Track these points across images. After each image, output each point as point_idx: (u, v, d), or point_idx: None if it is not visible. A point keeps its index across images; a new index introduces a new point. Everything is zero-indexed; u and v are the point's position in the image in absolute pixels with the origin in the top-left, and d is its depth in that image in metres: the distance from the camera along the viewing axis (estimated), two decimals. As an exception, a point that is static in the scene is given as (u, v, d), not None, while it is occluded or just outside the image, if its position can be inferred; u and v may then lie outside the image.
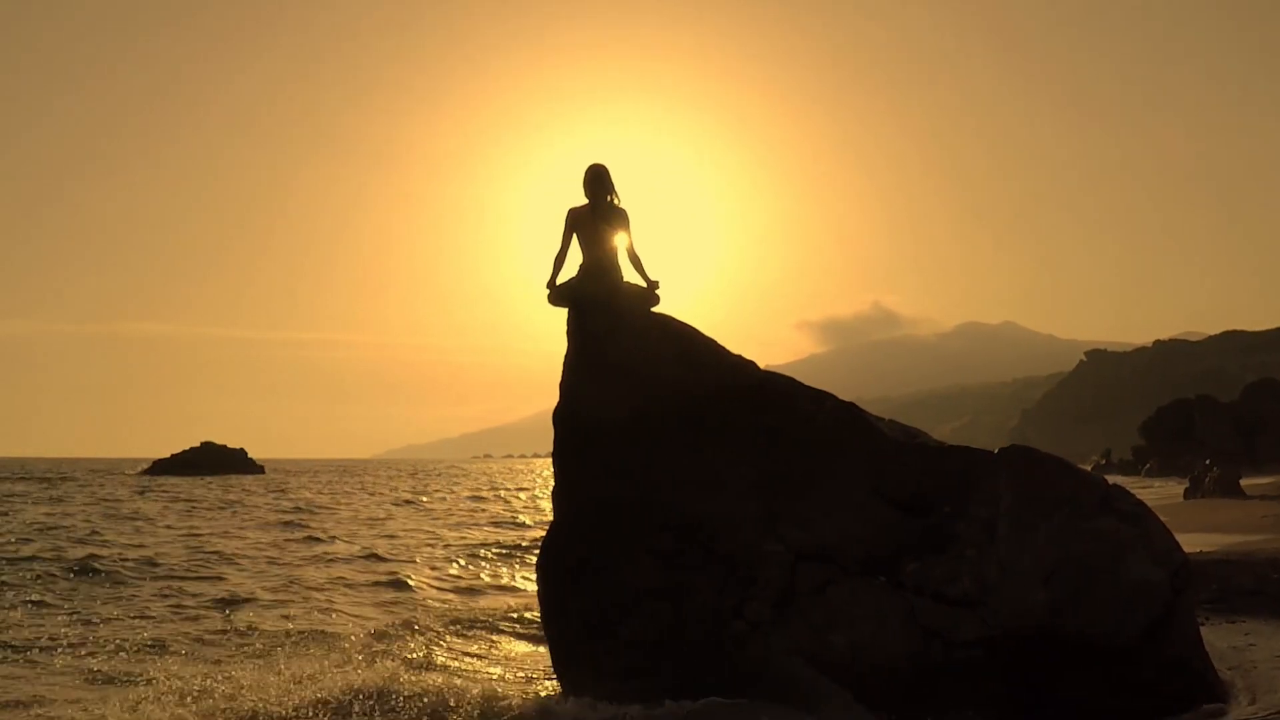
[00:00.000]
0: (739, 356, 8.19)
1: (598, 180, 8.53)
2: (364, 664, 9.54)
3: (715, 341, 8.24)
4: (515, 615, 13.10)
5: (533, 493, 54.61)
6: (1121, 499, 7.74)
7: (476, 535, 26.97)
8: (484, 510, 38.63)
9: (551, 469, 8.53)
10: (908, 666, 7.32)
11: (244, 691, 8.39)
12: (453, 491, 55.61)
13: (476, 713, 7.90)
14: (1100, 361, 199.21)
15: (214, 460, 77.01)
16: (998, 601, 7.32)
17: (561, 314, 8.62)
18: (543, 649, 9.62)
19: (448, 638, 11.61)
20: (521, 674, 9.79)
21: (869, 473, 7.70)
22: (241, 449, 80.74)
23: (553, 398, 8.49)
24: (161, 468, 77.16)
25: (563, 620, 7.97)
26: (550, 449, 8.47)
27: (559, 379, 8.45)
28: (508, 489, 60.75)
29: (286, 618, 12.95)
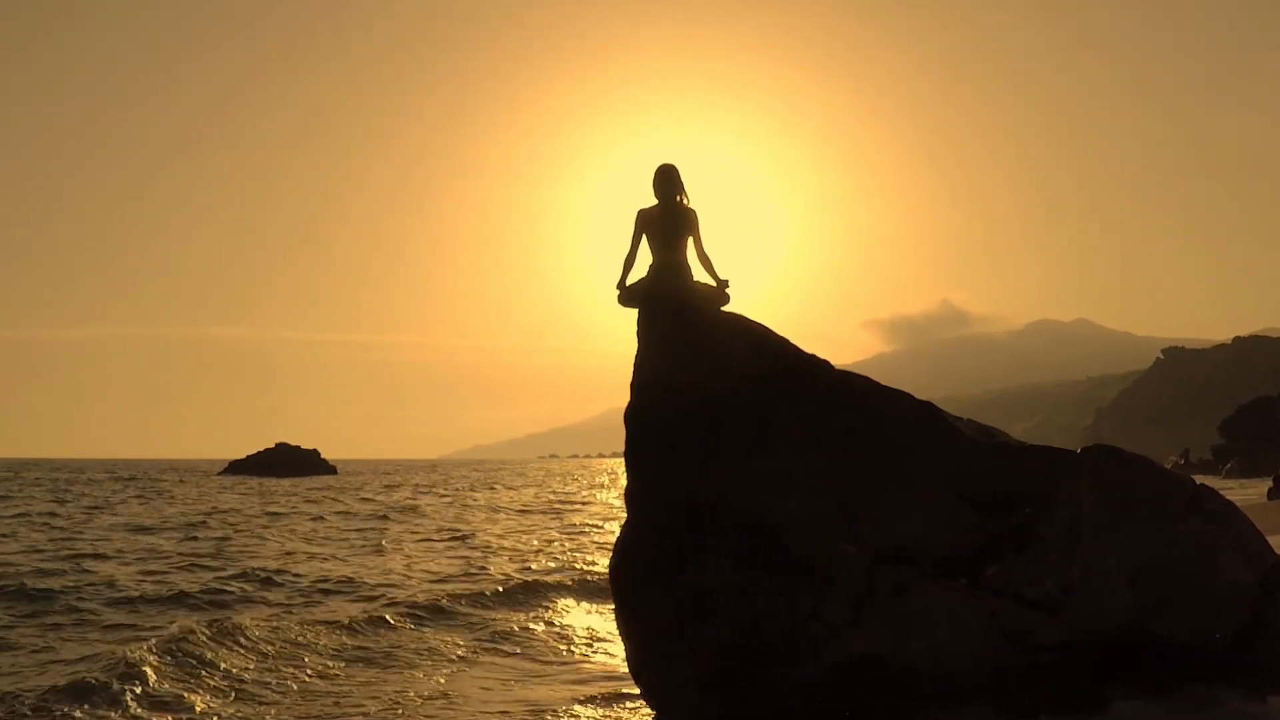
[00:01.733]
0: (813, 356, 8.10)
1: (667, 180, 8.51)
2: None
3: (788, 341, 8.16)
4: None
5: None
6: (1210, 499, 7.53)
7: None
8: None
9: (623, 469, 8.51)
10: (988, 670, 7.19)
11: None
12: (588, 493, 54.71)
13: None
14: (1177, 359, 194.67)
15: (289, 461, 78.27)
16: (1081, 605, 7.16)
17: (629, 315, 8.60)
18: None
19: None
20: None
21: (948, 473, 7.56)
22: (315, 450, 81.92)
23: (617, 398, 8.47)
24: (238, 468, 78.64)
25: (638, 622, 7.94)
26: (616, 448, 8.45)
27: (626, 379, 8.43)
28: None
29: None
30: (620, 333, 8.74)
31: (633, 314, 8.61)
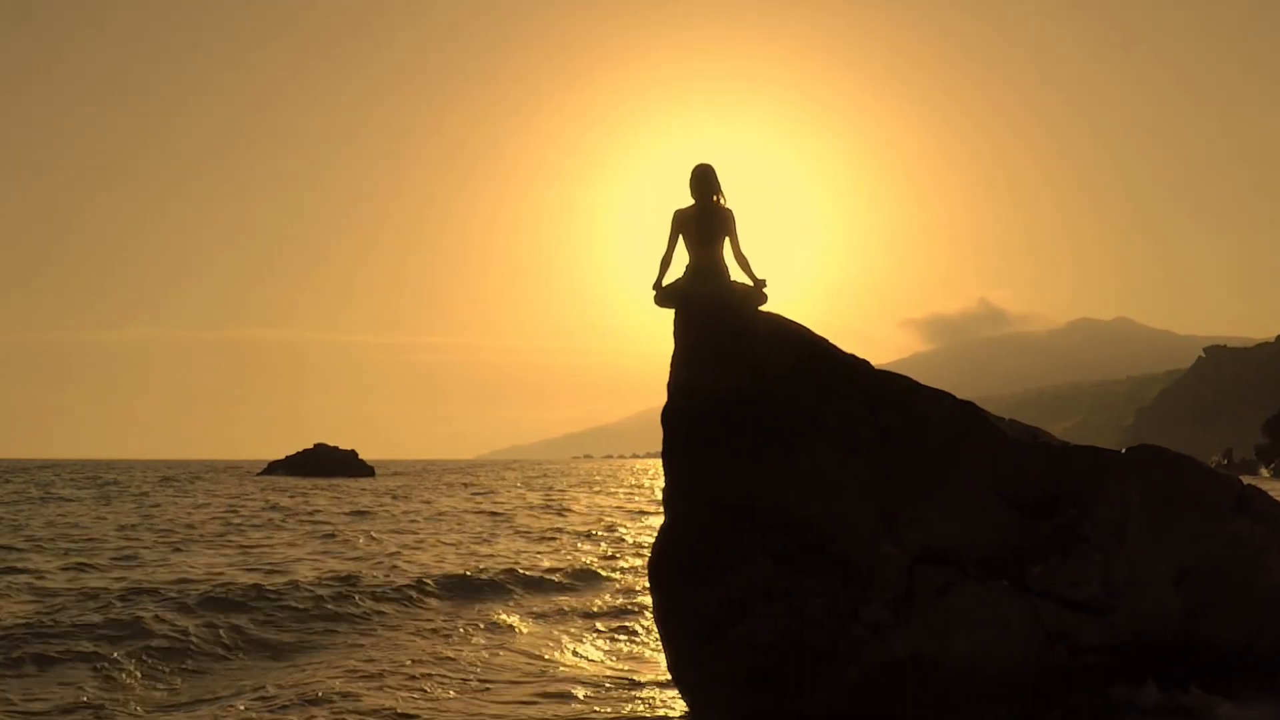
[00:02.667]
0: (852, 355, 8.05)
1: (704, 180, 8.49)
2: None
3: (827, 340, 8.11)
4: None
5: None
6: (1257, 500, 7.43)
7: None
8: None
9: (660, 469, 8.50)
10: (1032, 672, 7.12)
11: None
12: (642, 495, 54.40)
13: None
14: (1220, 358, 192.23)
15: (327, 462, 78.76)
16: (1127, 606, 7.07)
17: (665, 315, 8.58)
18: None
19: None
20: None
21: (990, 473, 7.49)
22: (353, 450, 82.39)
23: (651, 398, 8.45)
24: (277, 469, 79.30)
25: (677, 623, 7.91)
26: (651, 449, 8.44)
27: (661, 380, 8.41)
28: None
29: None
30: (655, 333, 8.74)
31: (669, 314, 8.59)
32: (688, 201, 8.51)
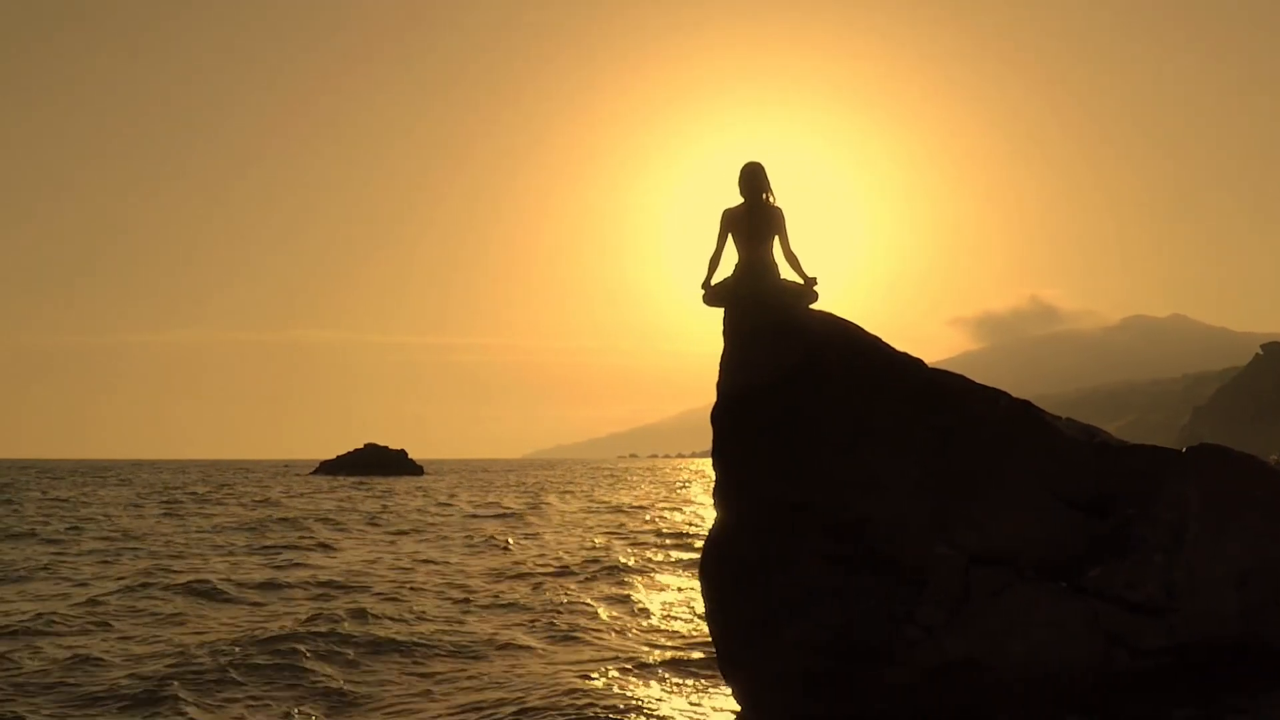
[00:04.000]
0: (906, 354, 7.97)
1: (753, 178, 8.46)
2: None
3: (880, 339, 8.04)
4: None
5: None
6: (1322, 501, 7.25)
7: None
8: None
9: (707, 468, 8.48)
10: (1088, 675, 7.01)
11: None
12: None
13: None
14: (1277, 355, 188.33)
15: (378, 461, 79.49)
16: (1186, 608, 6.94)
17: (710, 314, 8.57)
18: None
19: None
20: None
21: (1046, 473, 7.39)
22: (402, 450, 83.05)
23: (695, 398, 8.53)
24: (329, 469, 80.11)
25: (727, 622, 7.88)
26: (696, 448, 8.44)
27: (705, 379, 8.40)
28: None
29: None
30: (700, 332, 8.74)
31: (717, 314, 8.57)
32: (735, 200, 8.48)
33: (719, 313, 8.62)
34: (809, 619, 7.43)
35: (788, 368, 8.03)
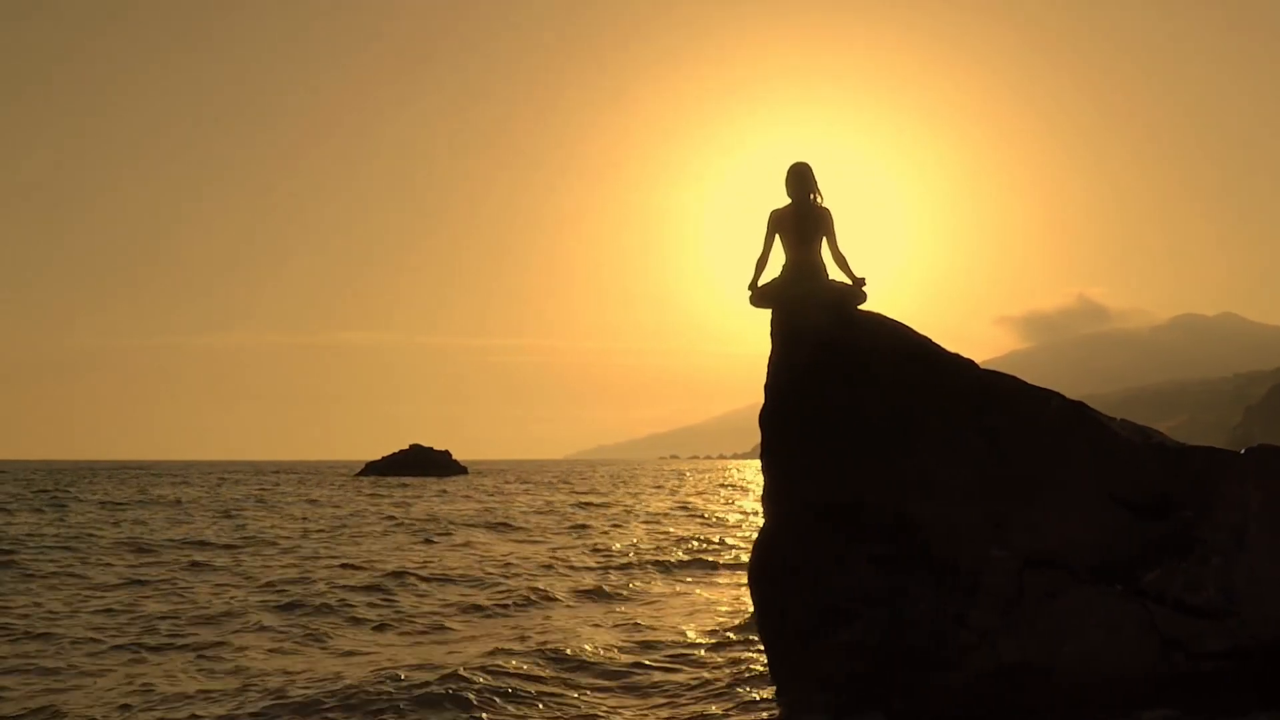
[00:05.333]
0: (956, 355, 7.90)
1: (800, 179, 8.41)
2: None
3: (930, 339, 7.97)
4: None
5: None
6: (1386, 503, 7.10)
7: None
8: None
9: (746, 470, 8.44)
10: (1145, 679, 6.90)
11: None
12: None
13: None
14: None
15: (422, 462, 79.89)
16: (1247, 612, 6.82)
17: (753, 316, 8.55)
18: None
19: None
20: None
21: (1101, 475, 7.29)
22: (446, 451, 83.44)
23: (736, 399, 8.52)
24: (374, 469, 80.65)
25: (777, 624, 7.86)
26: (737, 449, 8.42)
27: (746, 380, 8.38)
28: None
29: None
30: (741, 333, 8.73)
31: (760, 314, 8.53)
32: (781, 201, 8.45)
33: (764, 314, 8.58)
34: (860, 621, 7.38)
35: (837, 369, 7.98)
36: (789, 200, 8.43)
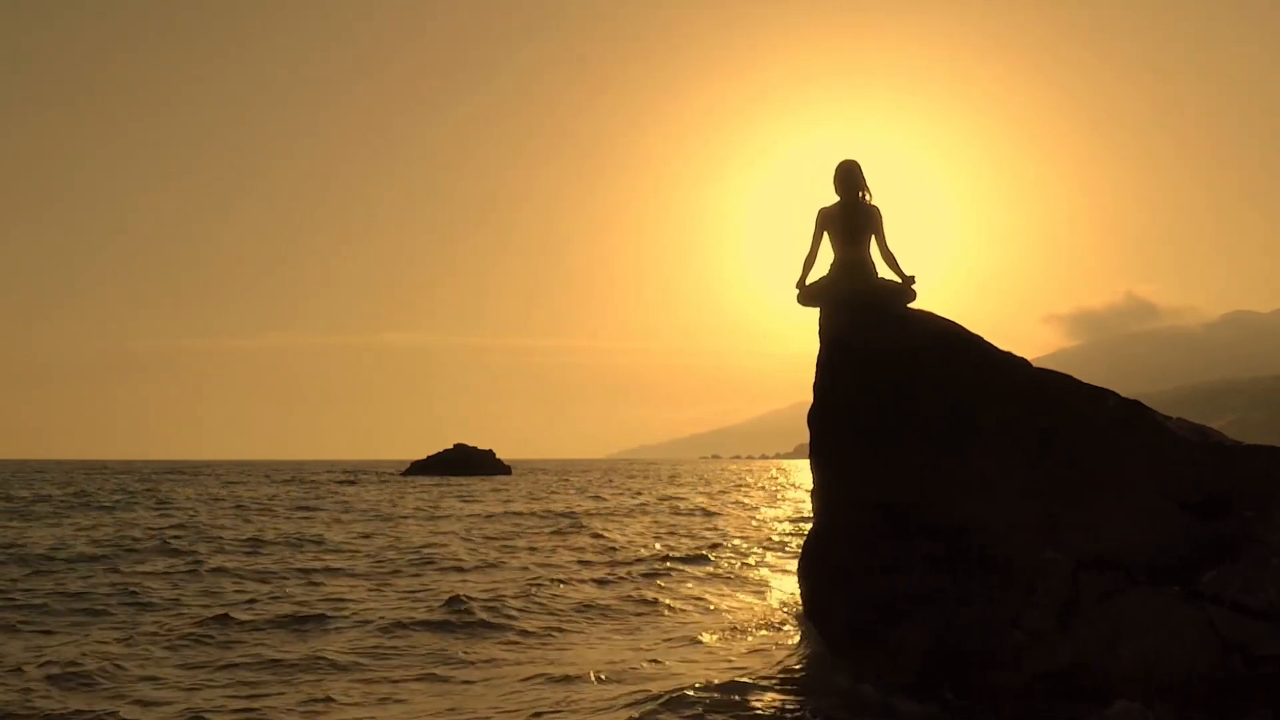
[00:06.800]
0: (1009, 353, 7.82)
1: (849, 177, 8.38)
2: None
3: (981, 338, 7.90)
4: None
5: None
6: None
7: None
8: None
9: (785, 469, 8.41)
10: (1203, 682, 6.79)
11: None
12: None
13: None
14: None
15: (467, 461, 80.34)
16: (1309, 614, 6.69)
17: (796, 316, 8.52)
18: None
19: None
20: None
21: (1157, 475, 7.18)
22: (490, 450, 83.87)
23: (777, 399, 8.54)
24: (420, 469, 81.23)
25: (827, 625, 7.83)
26: (779, 449, 8.38)
27: (787, 381, 8.55)
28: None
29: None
30: (783, 333, 8.76)
31: (804, 314, 8.51)
32: (825, 199, 8.42)
33: (808, 313, 8.55)
34: (911, 622, 7.33)
35: (886, 368, 7.93)
36: (837, 198, 8.40)
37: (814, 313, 8.58)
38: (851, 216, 8.31)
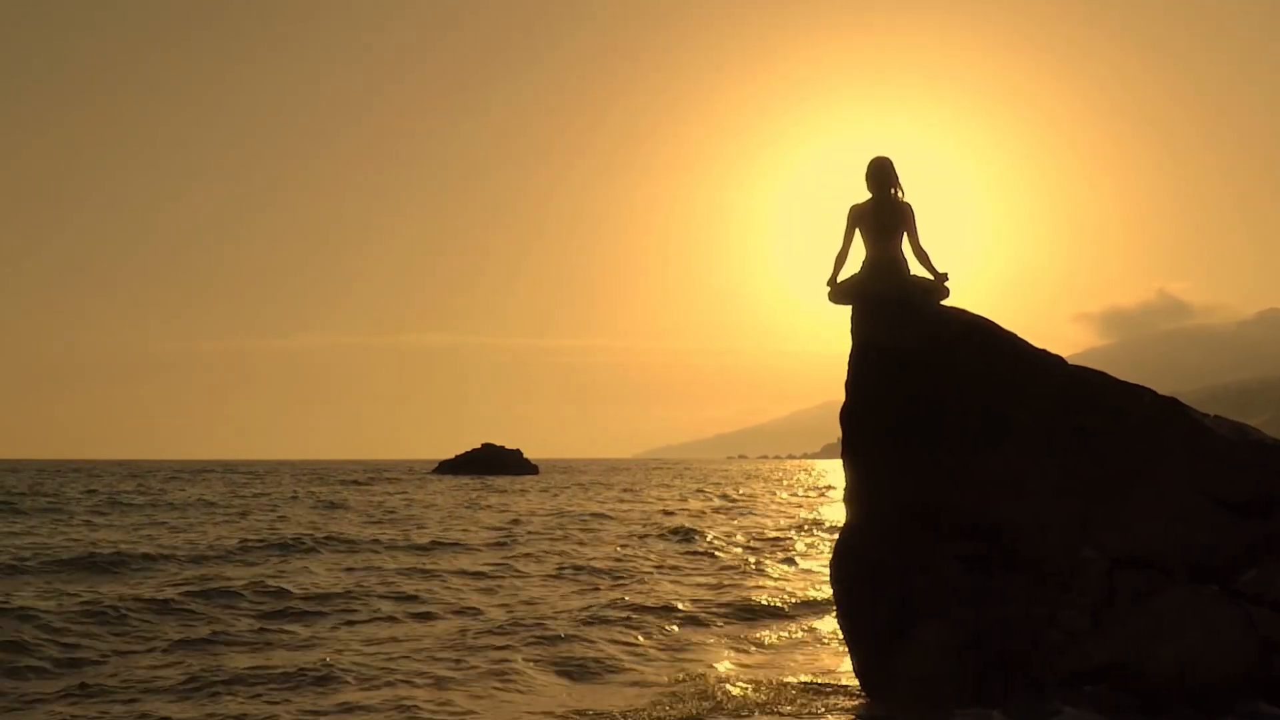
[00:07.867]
0: (1043, 351, 7.75)
1: (881, 174, 8.32)
2: None
3: (1016, 335, 7.84)
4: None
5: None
6: None
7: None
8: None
9: (813, 469, 8.37)
10: (1243, 681, 6.72)
11: None
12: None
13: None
14: None
15: (495, 461, 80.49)
16: (1351, 615, 6.61)
17: (828, 314, 8.45)
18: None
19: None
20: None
21: (1195, 473, 7.11)
22: (518, 450, 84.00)
23: (804, 398, 8.46)
24: (448, 468, 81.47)
25: (861, 624, 7.79)
26: (806, 449, 8.34)
27: (815, 379, 8.55)
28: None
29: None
30: (810, 333, 8.70)
31: (833, 313, 8.43)
32: (856, 196, 8.36)
33: (835, 312, 8.46)
34: (946, 621, 7.29)
35: (920, 365, 7.88)
36: (869, 195, 8.35)
37: (845, 311, 8.52)
38: (883, 214, 8.25)
